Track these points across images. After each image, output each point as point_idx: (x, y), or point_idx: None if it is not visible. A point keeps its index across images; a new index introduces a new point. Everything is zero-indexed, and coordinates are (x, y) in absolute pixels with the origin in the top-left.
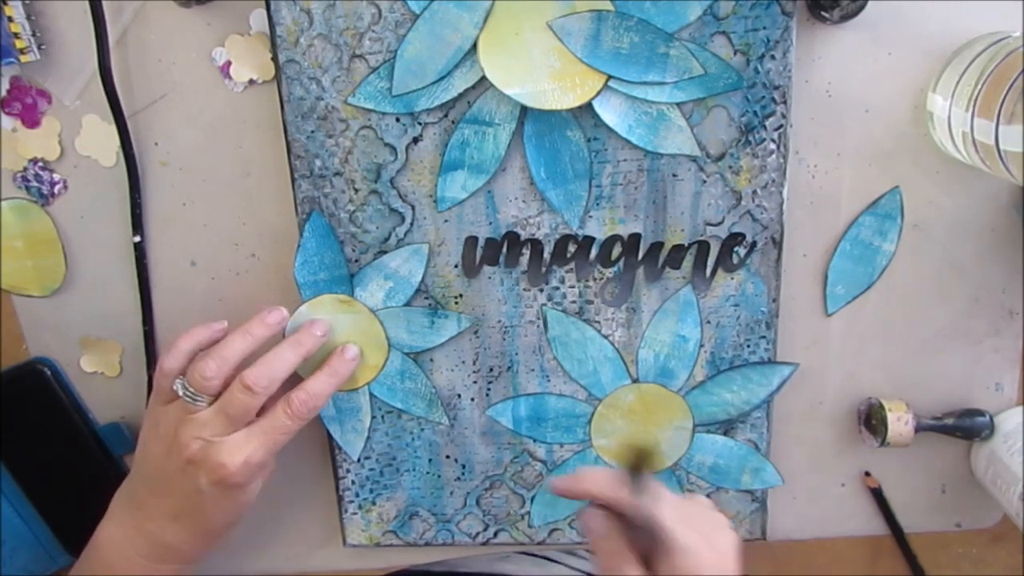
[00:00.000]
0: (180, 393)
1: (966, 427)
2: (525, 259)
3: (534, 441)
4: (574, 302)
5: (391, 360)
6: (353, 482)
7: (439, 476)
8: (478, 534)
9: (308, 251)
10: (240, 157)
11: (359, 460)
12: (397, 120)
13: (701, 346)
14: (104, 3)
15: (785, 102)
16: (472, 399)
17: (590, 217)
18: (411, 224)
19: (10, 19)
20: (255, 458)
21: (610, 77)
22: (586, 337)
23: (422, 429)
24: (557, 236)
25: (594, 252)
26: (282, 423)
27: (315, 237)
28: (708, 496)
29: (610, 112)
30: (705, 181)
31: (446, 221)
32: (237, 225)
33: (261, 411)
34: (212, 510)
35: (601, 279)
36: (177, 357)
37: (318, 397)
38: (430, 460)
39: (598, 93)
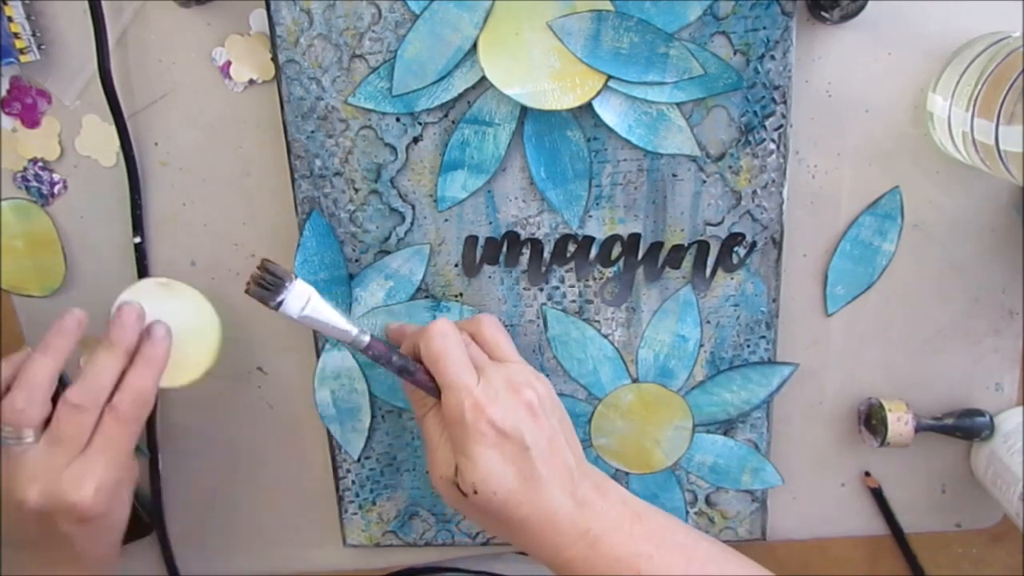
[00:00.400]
0: None
1: (966, 427)
2: (525, 259)
3: None
4: (574, 302)
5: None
6: (353, 482)
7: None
8: (478, 534)
9: (308, 250)
10: (240, 157)
11: (359, 460)
12: (397, 120)
13: (701, 346)
14: (104, 3)
15: (785, 102)
16: None
17: (590, 217)
18: (411, 224)
19: (10, 19)
20: (106, 482)
21: (610, 77)
22: (586, 337)
23: None
24: (557, 236)
25: (594, 252)
26: (117, 433)
27: (315, 236)
28: (708, 497)
29: (610, 112)
30: (705, 181)
31: (446, 221)
32: (237, 225)
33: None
34: (87, 545)
35: (601, 279)
36: None
37: (144, 392)
38: None
39: (598, 93)
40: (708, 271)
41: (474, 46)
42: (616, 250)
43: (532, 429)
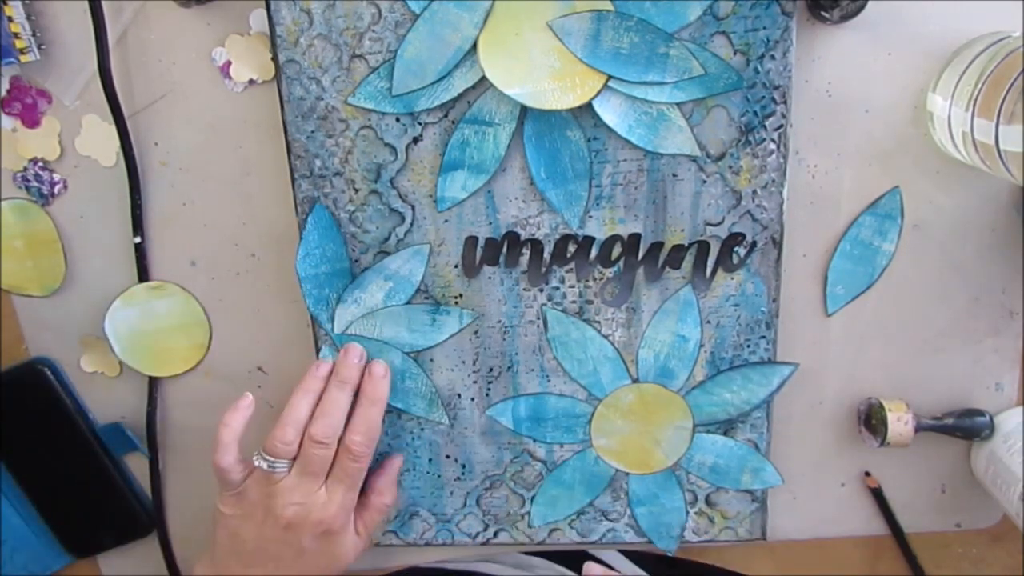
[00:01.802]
0: (264, 467)
1: (966, 427)
2: (525, 259)
3: (534, 441)
4: (574, 302)
5: (390, 360)
6: None
7: (439, 476)
8: (478, 534)
9: (310, 244)
10: (240, 157)
11: None
12: (397, 120)
13: (701, 346)
14: (104, 3)
15: (785, 102)
16: (472, 399)
17: (590, 217)
18: (411, 224)
19: (10, 19)
20: (346, 503)
21: (610, 77)
22: (586, 337)
23: (422, 429)
24: (557, 236)
25: (594, 252)
26: (352, 468)
27: (317, 230)
28: (708, 497)
29: (610, 112)
30: (705, 181)
31: (446, 221)
32: (237, 225)
33: None
34: (320, 561)
35: (601, 279)
36: (230, 451)
37: (372, 428)
38: (430, 460)
39: (598, 93)
40: (708, 271)
41: (474, 46)
42: (616, 250)
43: None
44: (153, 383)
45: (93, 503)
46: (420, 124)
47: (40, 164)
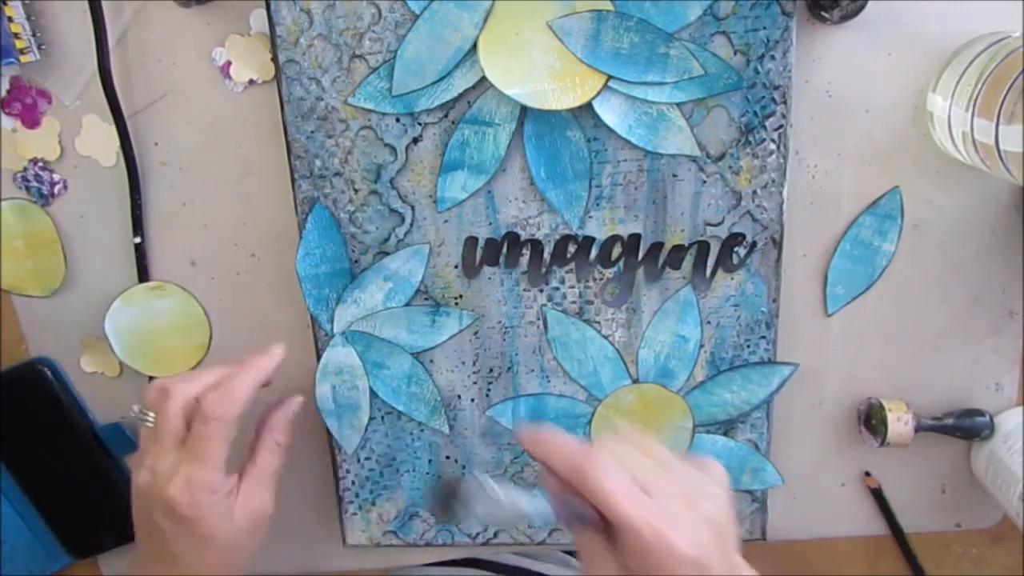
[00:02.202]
0: (133, 411)
1: (966, 427)
2: (525, 259)
3: None
4: (574, 302)
5: (399, 363)
6: (353, 482)
7: (439, 477)
8: (478, 534)
9: (310, 243)
10: (240, 157)
11: (359, 460)
12: (397, 120)
13: (701, 346)
14: (104, 3)
15: (785, 102)
16: (472, 400)
17: (590, 217)
18: (411, 224)
19: (10, 19)
20: (195, 479)
21: (610, 77)
22: (586, 337)
23: (422, 430)
24: (557, 236)
25: (594, 252)
26: (200, 433)
27: (317, 230)
28: None
29: (610, 112)
30: (705, 181)
31: (446, 221)
32: (237, 225)
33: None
34: (183, 551)
35: (601, 279)
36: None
37: (229, 393)
38: (430, 460)
39: (598, 93)
40: (708, 271)
41: (474, 46)
42: (616, 250)
43: (714, 551)
44: None
45: (93, 503)
46: (420, 124)
47: (40, 164)
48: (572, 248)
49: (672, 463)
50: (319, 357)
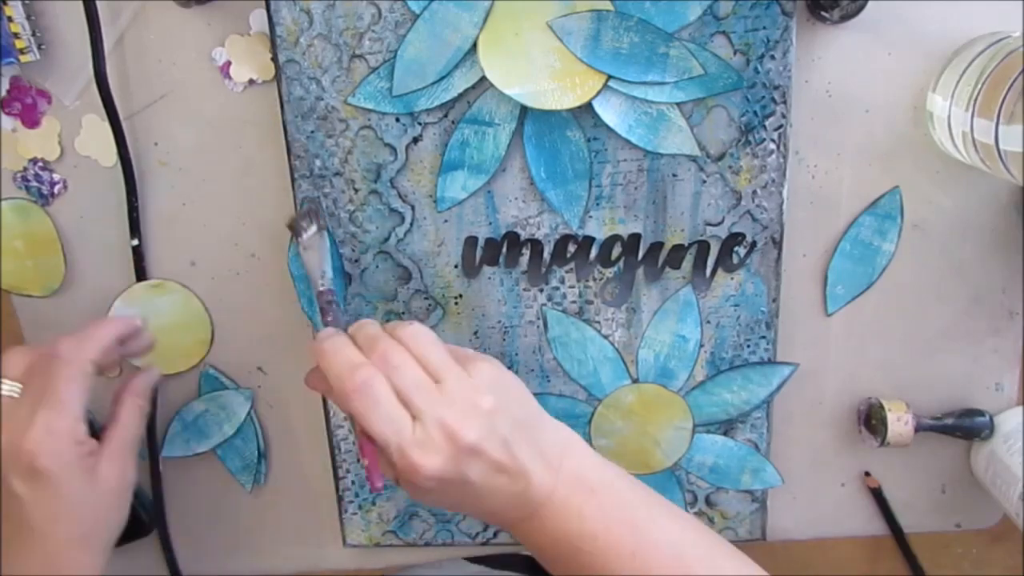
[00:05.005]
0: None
1: (966, 427)
2: (525, 259)
3: None
4: (574, 302)
5: None
6: (353, 482)
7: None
8: (478, 534)
9: None
10: (240, 157)
11: (359, 459)
12: (397, 120)
13: (701, 346)
14: (104, 3)
15: (785, 102)
16: None
17: (590, 217)
18: (411, 224)
19: (10, 19)
20: (54, 426)
21: (610, 77)
22: (586, 337)
23: None
24: (557, 236)
25: (594, 252)
26: (52, 373)
27: None
28: (708, 497)
29: (610, 112)
30: (705, 181)
31: (446, 221)
32: (237, 225)
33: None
34: (38, 517)
35: (601, 279)
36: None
37: (87, 337)
38: None
39: (598, 93)
40: (708, 271)
41: (474, 46)
42: (616, 250)
43: (479, 467)
44: None
45: None
46: (420, 124)
47: (40, 164)
48: (572, 248)
49: (444, 370)
50: None
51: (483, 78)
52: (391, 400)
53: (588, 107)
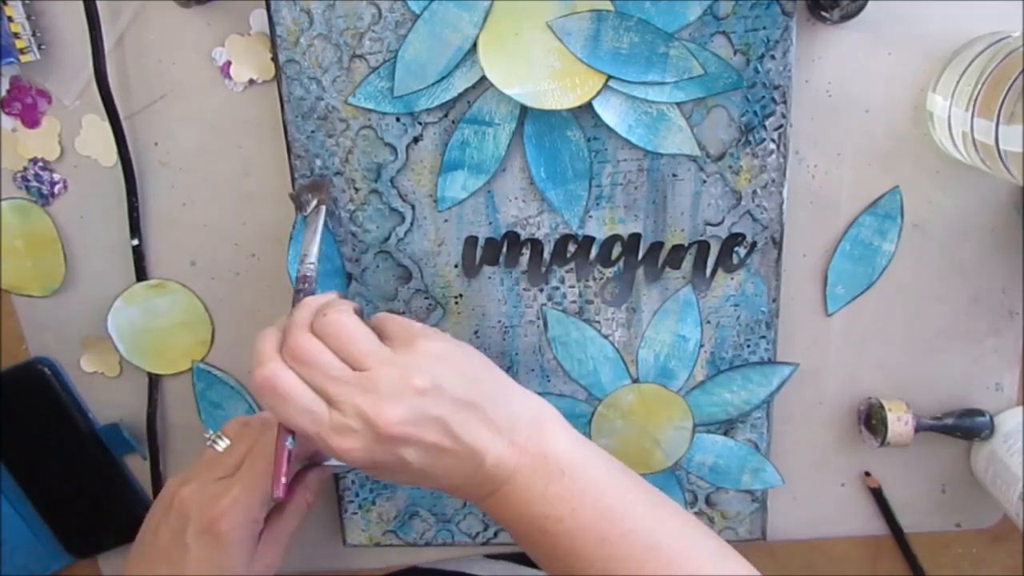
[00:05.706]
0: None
1: (966, 427)
2: (525, 259)
3: None
4: (574, 302)
5: None
6: (353, 482)
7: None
8: (478, 534)
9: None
10: (240, 157)
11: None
12: (397, 120)
13: (701, 346)
14: (104, 3)
15: (785, 102)
16: None
17: (590, 217)
18: (411, 224)
19: (10, 19)
20: (243, 501)
21: (610, 77)
22: (586, 337)
23: None
24: (557, 236)
25: (594, 252)
26: (262, 468)
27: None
28: (708, 497)
29: (610, 112)
30: (705, 181)
31: (446, 221)
32: (237, 225)
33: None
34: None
35: (601, 279)
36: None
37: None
38: None
39: (598, 93)
40: (708, 271)
41: (474, 46)
42: (616, 250)
43: (413, 450)
44: (153, 383)
45: (93, 503)
46: (420, 124)
47: (40, 164)
48: (572, 248)
49: (366, 356)
50: None
51: (483, 78)
52: (302, 391)
53: (588, 107)
